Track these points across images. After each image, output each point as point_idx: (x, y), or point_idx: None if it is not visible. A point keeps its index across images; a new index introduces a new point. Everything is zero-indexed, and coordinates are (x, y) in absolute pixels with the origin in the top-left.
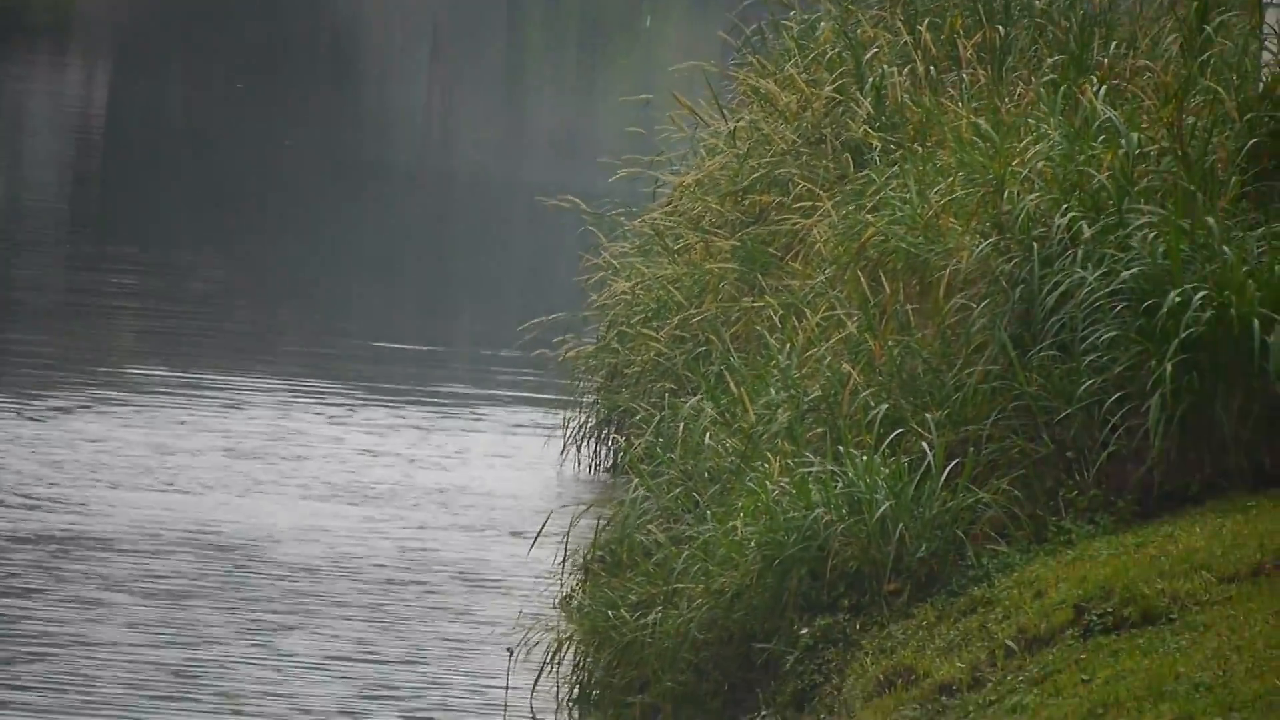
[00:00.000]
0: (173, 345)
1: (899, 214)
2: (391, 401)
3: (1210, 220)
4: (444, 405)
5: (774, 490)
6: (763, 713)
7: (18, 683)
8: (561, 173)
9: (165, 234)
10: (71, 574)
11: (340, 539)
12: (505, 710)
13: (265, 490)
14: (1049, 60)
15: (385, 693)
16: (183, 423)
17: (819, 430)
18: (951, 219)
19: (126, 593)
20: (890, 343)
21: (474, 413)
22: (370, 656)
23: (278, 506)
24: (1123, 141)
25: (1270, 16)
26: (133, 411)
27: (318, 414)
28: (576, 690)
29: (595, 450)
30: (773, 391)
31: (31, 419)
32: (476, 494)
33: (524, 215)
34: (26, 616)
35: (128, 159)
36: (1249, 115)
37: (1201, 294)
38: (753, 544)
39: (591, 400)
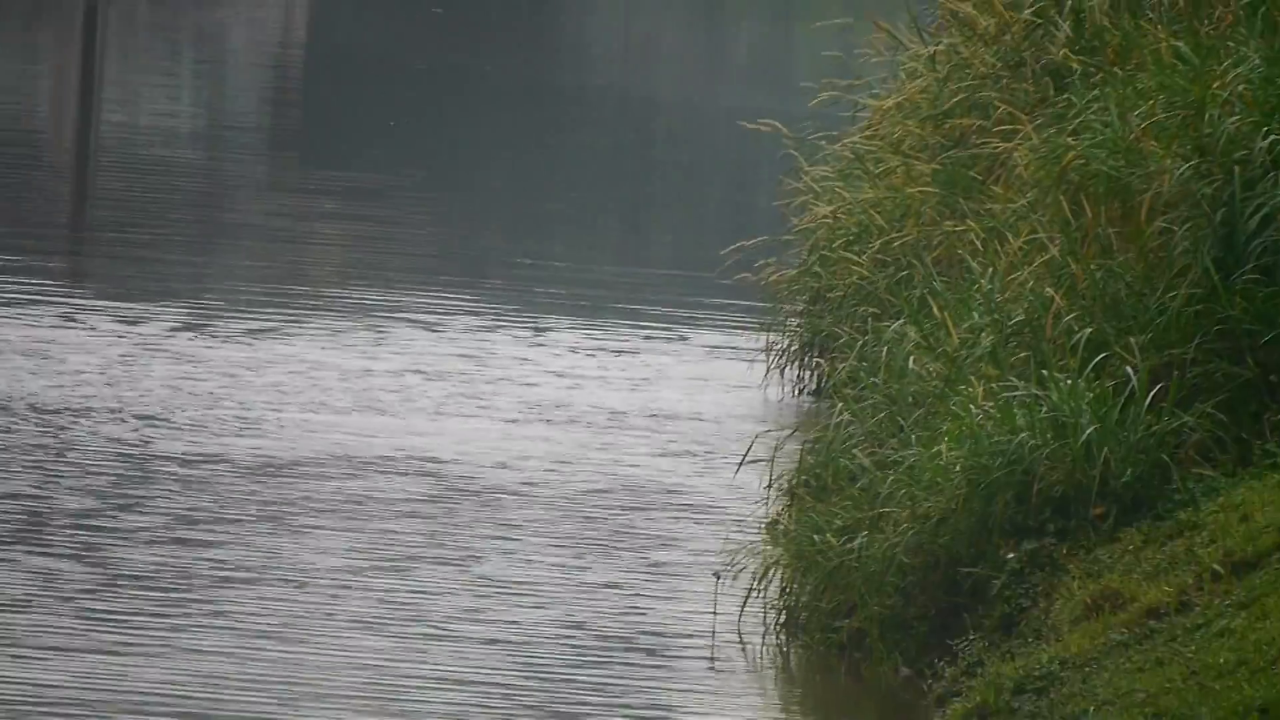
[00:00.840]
0: (372, 268)
1: (1100, 137)
2: (592, 325)
3: None
4: (645, 329)
5: (978, 414)
6: (970, 637)
7: (224, 606)
8: (761, 97)
9: (364, 158)
10: (269, 498)
11: (539, 463)
12: (713, 635)
13: (465, 413)
14: None
15: (589, 618)
16: (380, 344)
17: (1022, 354)
18: (1152, 142)
19: (325, 516)
20: (1093, 266)
21: (676, 336)
22: (572, 582)
23: (477, 430)
24: None
25: None
26: (330, 334)
27: (517, 337)
28: (783, 615)
29: (798, 374)
30: (975, 315)
31: (229, 341)
32: (679, 418)
33: (724, 140)
34: (229, 542)
35: (327, 85)
36: None
37: None
38: (958, 468)
39: (794, 324)
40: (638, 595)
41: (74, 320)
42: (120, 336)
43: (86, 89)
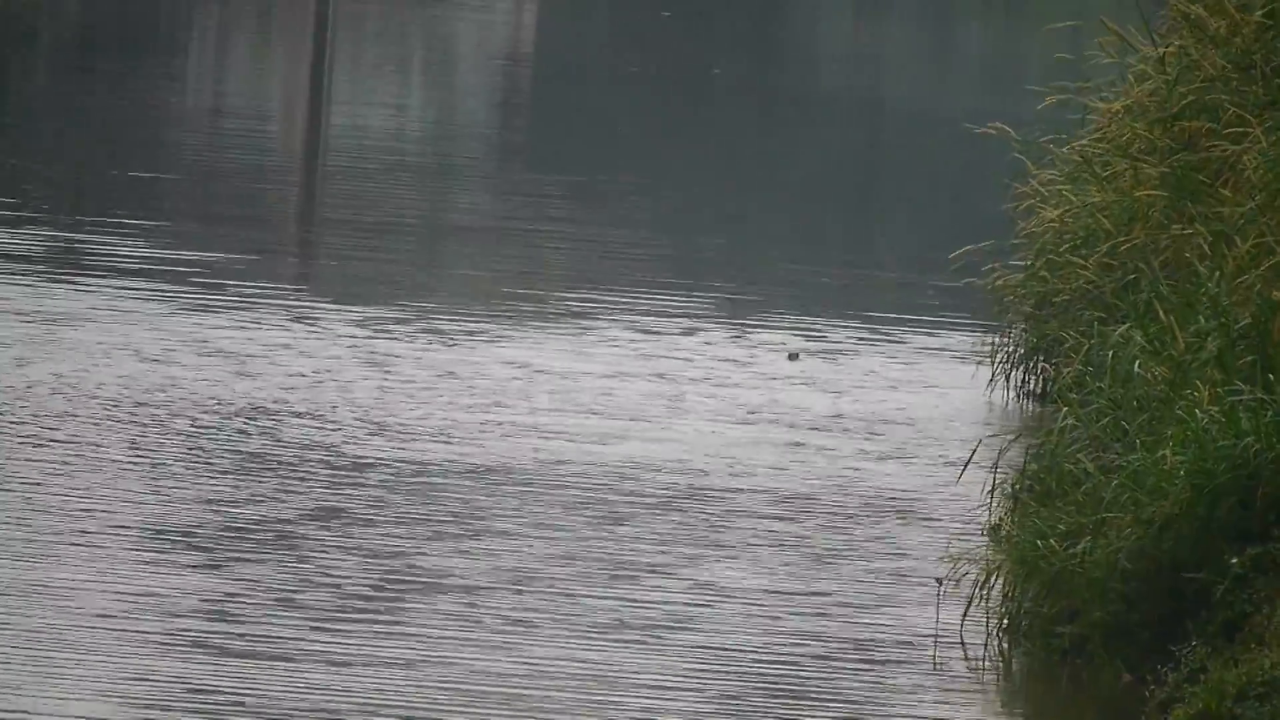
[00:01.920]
0: (597, 270)
1: None
2: (816, 326)
3: None
4: (869, 331)
5: (1203, 419)
6: (1193, 643)
7: (434, 614)
8: (989, 100)
9: (592, 161)
10: (482, 504)
11: (762, 466)
12: (935, 642)
13: (687, 416)
14: None
15: (810, 625)
16: (611, 347)
17: (1249, 358)
18: None
19: (552, 523)
20: None
21: (900, 339)
22: (792, 588)
23: (698, 433)
24: None
25: None
26: (551, 336)
27: (737, 337)
28: (1005, 621)
29: (1024, 378)
30: (1202, 319)
31: (451, 344)
32: (902, 421)
33: (952, 143)
34: (441, 549)
35: (556, 87)
36: None
37: None
38: (1182, 473)
39: (1020, 328)
40: (859, 602)
41: (297, 323)
42: (343, 339)
43: (316, 92)
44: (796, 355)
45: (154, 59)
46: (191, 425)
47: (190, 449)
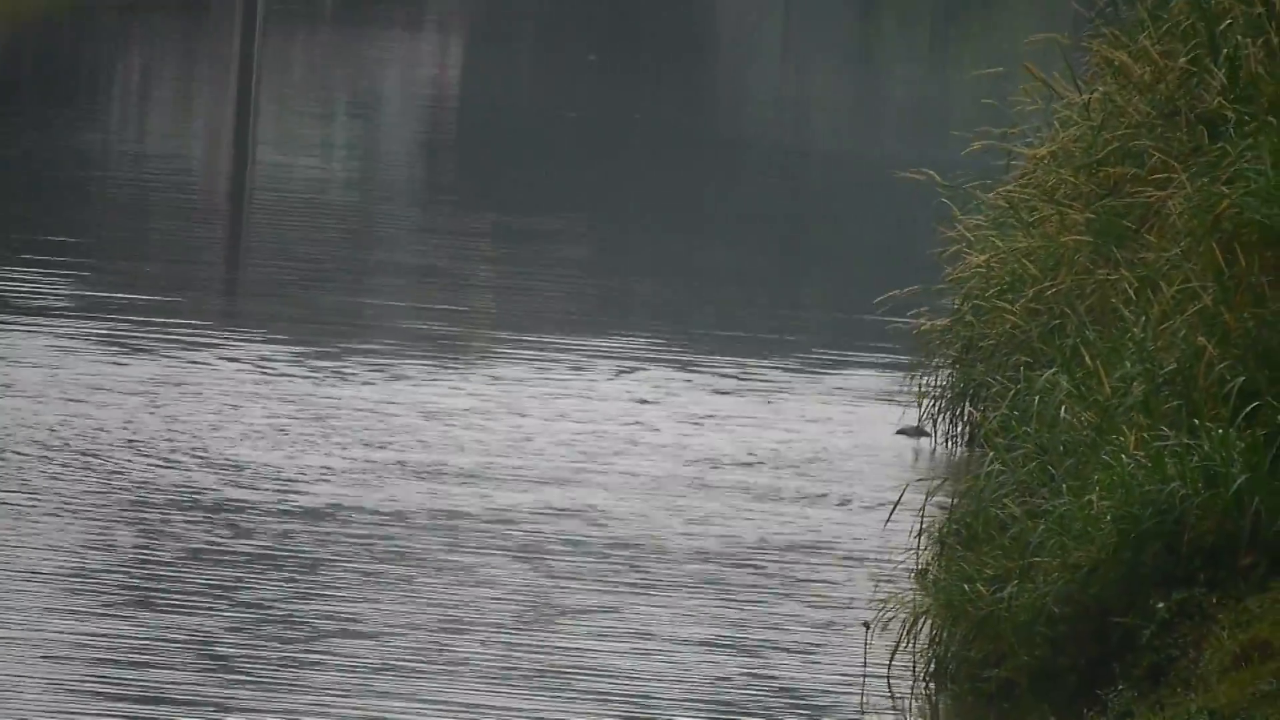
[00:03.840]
0: (526, 313)
1: (1254, 186)
2: (743, 372)
3: None
4: (797, 376)
5: (1129, 464)
6: (1119, 687)
7: (368, 664)
8: (916, 146)
9: (517, 203)
10: (408, 550)
11: (688, 509)
12: (863, 685)
13: (614, 458)
14: None
15: (741, 668)
16: (538, 388)
17: (1174, 403)
18: None
19: (471, 568)
20: (1246, 315)
21: (829, 382)
22: (721, 630)
23: (624, 476)
24: None
25: None
26: (476, 378)
27: (666, 380)
28: (932, 664)
29: (950, 423)
30: (1128, 364)
31: (373, 385)
32: (830, 463)
33: (878, 188)
34: (363, 597)
35: (482, 131)
36: None
37: None
38: (1108, 518)
39: (946, 373)
40: (786, 645)
41: (216, 361)
42: (261, 378)
43: (241, 132)
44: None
45: (77, 103)
46: (103, 465)
47: (97, 490)
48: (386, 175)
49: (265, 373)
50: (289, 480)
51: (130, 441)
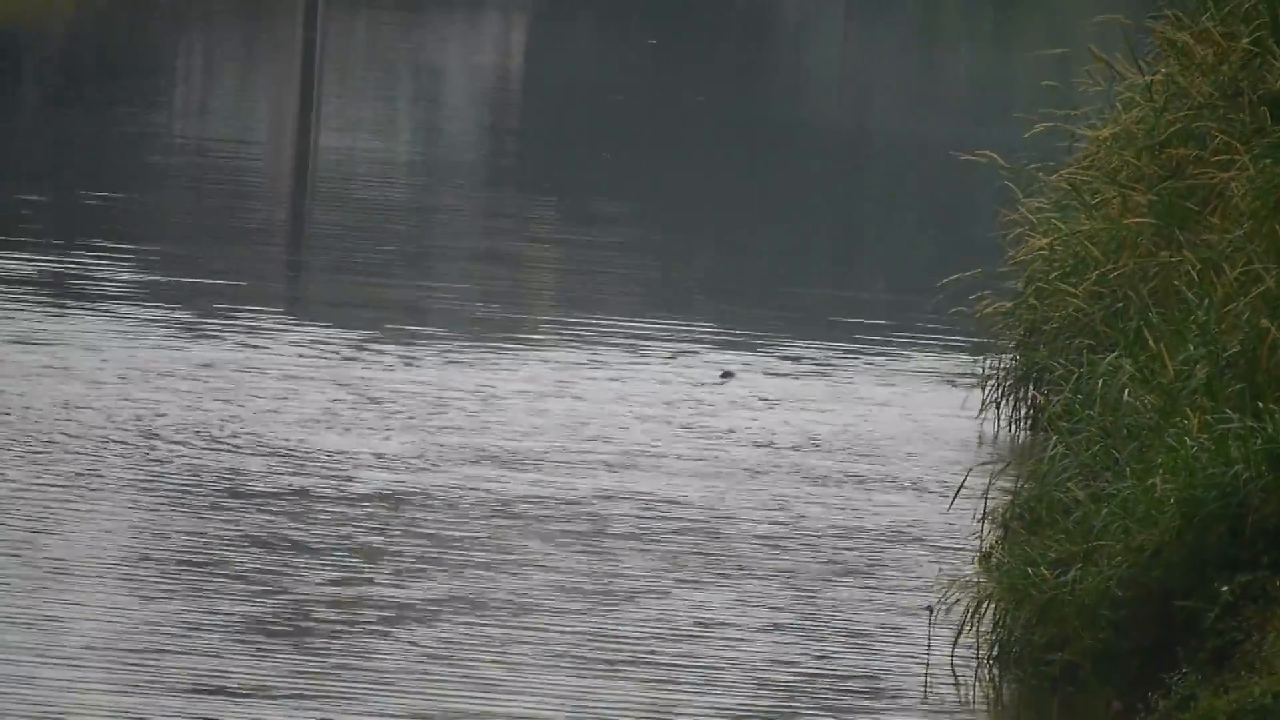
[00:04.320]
0: (585, 294)
1: None
2: (805, 355)
3: None
4: (861, 357)
5: (1193, 446)
6: (1183, 670)
7: (423, 646)
8: (977, 128)
9: (580, 186)
10: (467, 533)
11: (749, 493)
12: (926, 669)
13: (674, 441)
14: None
15: (803, 652)
16: (599, 371)
17: (1238, 386)
18: None
19: (532, 552)
20: None
21: (892, 365)
22: (784, 615)
23: (683, 459)
24: None
25: None
26: (537, 360)
27: (726, 363)
28: (996, 648)
29: (1014, 407)
30: (1191, 347)
31: (433, 368)
32: (894, 447)
33: (940, 171)
34: (424, 578)
35: (543, 114)
36: None
37: None
38: (1172, 501)
39: (1010, 355)
40: (849, 630)
41: (281, 344)
42: (323, 362)
43: (304, 115)
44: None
45: (140, 85)
46: (160, 450)
47: (158, 475)
48: (448, 159)
49: (325, 357)
50: (347, 465)
51: (188, 426)
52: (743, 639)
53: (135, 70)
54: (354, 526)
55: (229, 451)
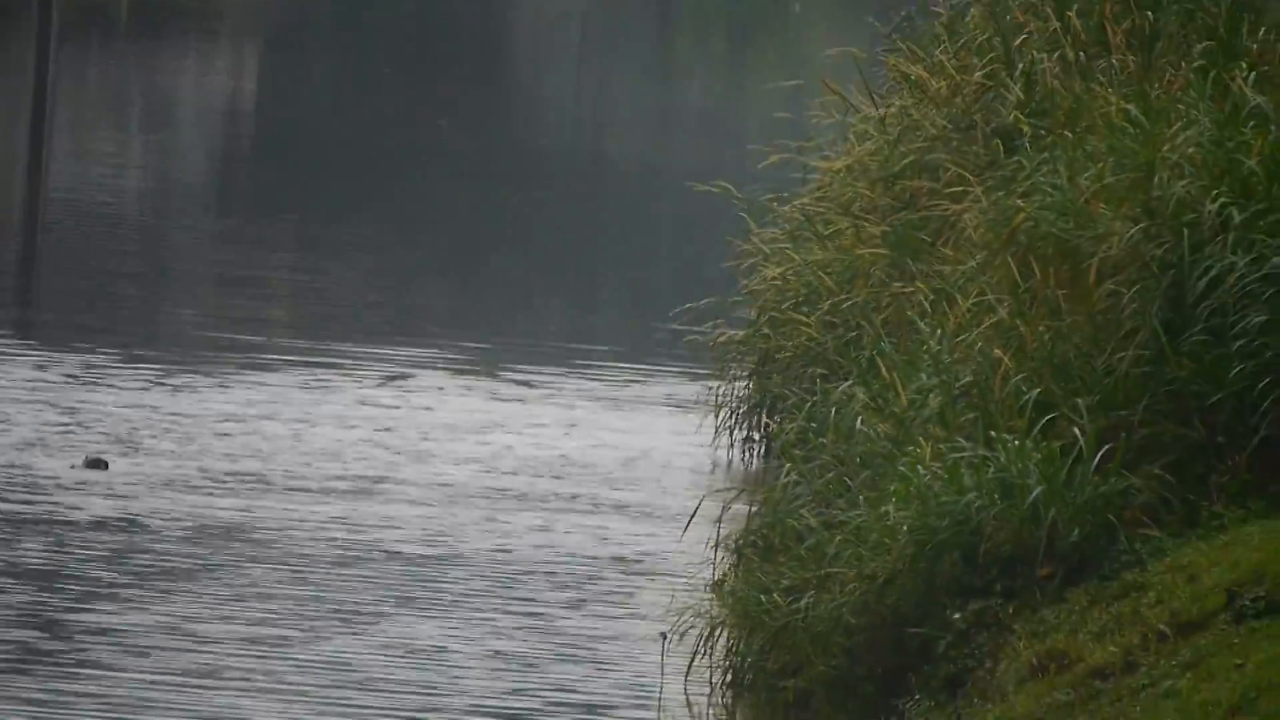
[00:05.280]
0: (321, 322)
1: (1049, 199)
2: (540, 384)
3: None
4: (593, 387)
5: (926, 475)
6: (916, 697)
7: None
8: (712, 158)
9: (314, 213)
10: (192, 561)
11: (483, 520)
12: (660, 695)
13: (407, 469)
14: (1198, 46)
15: (533, 680)
16: (333, 395)
17: (971, 415)
18: (1102, 205)
19: (257, 581)
20: (1041, 328)
21: (623, 395)
22: (516, 643)
23: (418, 486)
24: (1273, 128)
25: None
26: (272, 385)
27: (464, 389)
28: (729, 675)
29: (747, 435)
30: (924, 377)
31: (167, 391)
32: (625, 477)
33: (674, 201)
34: (122, 608)
35: (278, 142)
36: None
37: None
38: (905, 529)
39: (743, 385)
40: (583, 656)
41: (2, 371)
42: (49, 387)
43: (35, 148)
44: (101, 463)
45: None
46: None
47: None
48: (184, 186)
49: (47, 381)
50: (58, 489)
51: None
52: (471, 666)
53: None
54: (68, 551)
55: None
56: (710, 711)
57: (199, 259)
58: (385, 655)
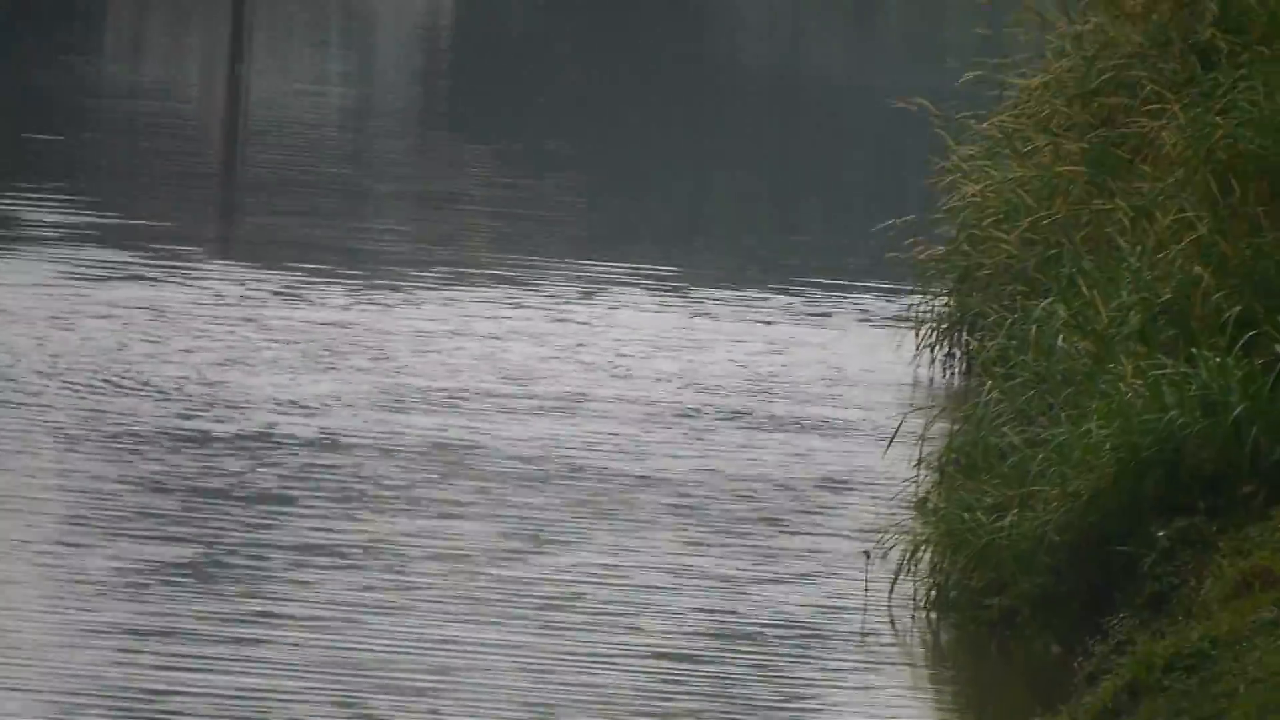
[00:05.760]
0: (518, 238)
1: (1247, 116)
2: (740, 301)
3: None
4: (794, 304)
5: (1127, 392)
6: (1120, 615)
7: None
8: (909, 76)
9: (515, 129)
10: (404, 477)
11: (684, 439)
12: (863, 614)
13: (608, 385)
14: None
15: (738, 601)
16: (534, 313)
17: (1171, 332)
18: None
19: (461, 497)
20: (1241, 244)
21: (826, 312)
22: (719, 562)
23: (617, 403)
24: None
25: None
26: (473, 303)
27: (663, 306)
28: (933, 593)
29: (948, 353)
30: (1124, 294)
31: (370, 309)
32: (826, 393)
33: (873, 117)
34: (351, 523)
35: (477, 57)
36: None
37: None
38: (1107, 446)
39: (943, 302)
40: (786, 576)
41: (218, 284)
42: (260, 304)
43: (235, 60)
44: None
45: (71, 33)
46: (82, 393)
47: (73, 420)
48: (383, 101)
49: (251, 299)
50: (256, 407)
51: (108, 368)
52: (670, 584)
53: (64, 14)
54: (277, 470)
55: (149, 394)
56: (914, 630)
57: (397, 175)
58: (582, 574)
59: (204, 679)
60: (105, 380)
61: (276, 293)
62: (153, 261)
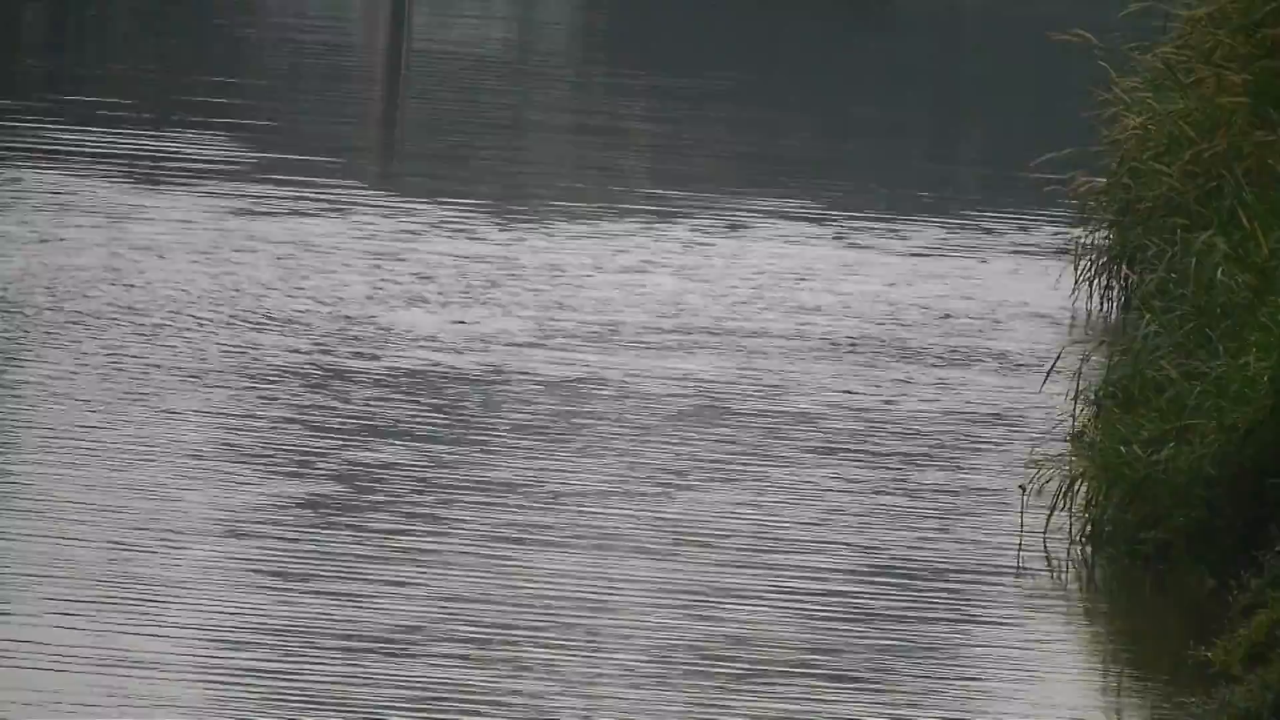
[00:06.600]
0: (677, 169)
1: None
2: (898, 233)
3: None
4: (952, 235)
5: None
6: (1276, 549)
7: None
8: (1071, 6)
9: (675, 63)
10: (552, 413)
11: (836, 372)
12: (1018, 548)
13: (758, 318)
14: None
15: (891, 532)
16: (688, 247)
17: None
18: None
19: (610, 433)
20: None
21: (983, 243)
22: (872, 496)
23: (768, 337)
24: None
25: None
26: (625, 236)
27: (817, 238)
28: (1088, 527)
29: (1107, 286)
30: None
31: (524, 243)
32: (982, 325)
33: (1033, 49)
34: (489, 460)
35: None
36: None
37: None
38: (1266, 379)
39: (1103, 235)
40: (939, 509)
41: (377, 220)
42: (420, 239)
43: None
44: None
45: None
46: (255, 330)
47: (225, 353)
48: (543, 35)
49: (410, 234)
50: (409, 343)
51: (271, 303)
52: (826, 519)
53: None
54: (427, 406)
55: (312, 330)
56: (1069, 563)
57: (558, 109)
58: (730, 510)
59: (353, 615)
60: (263, 316)
61: (434, 226)
62: (318, 198)
